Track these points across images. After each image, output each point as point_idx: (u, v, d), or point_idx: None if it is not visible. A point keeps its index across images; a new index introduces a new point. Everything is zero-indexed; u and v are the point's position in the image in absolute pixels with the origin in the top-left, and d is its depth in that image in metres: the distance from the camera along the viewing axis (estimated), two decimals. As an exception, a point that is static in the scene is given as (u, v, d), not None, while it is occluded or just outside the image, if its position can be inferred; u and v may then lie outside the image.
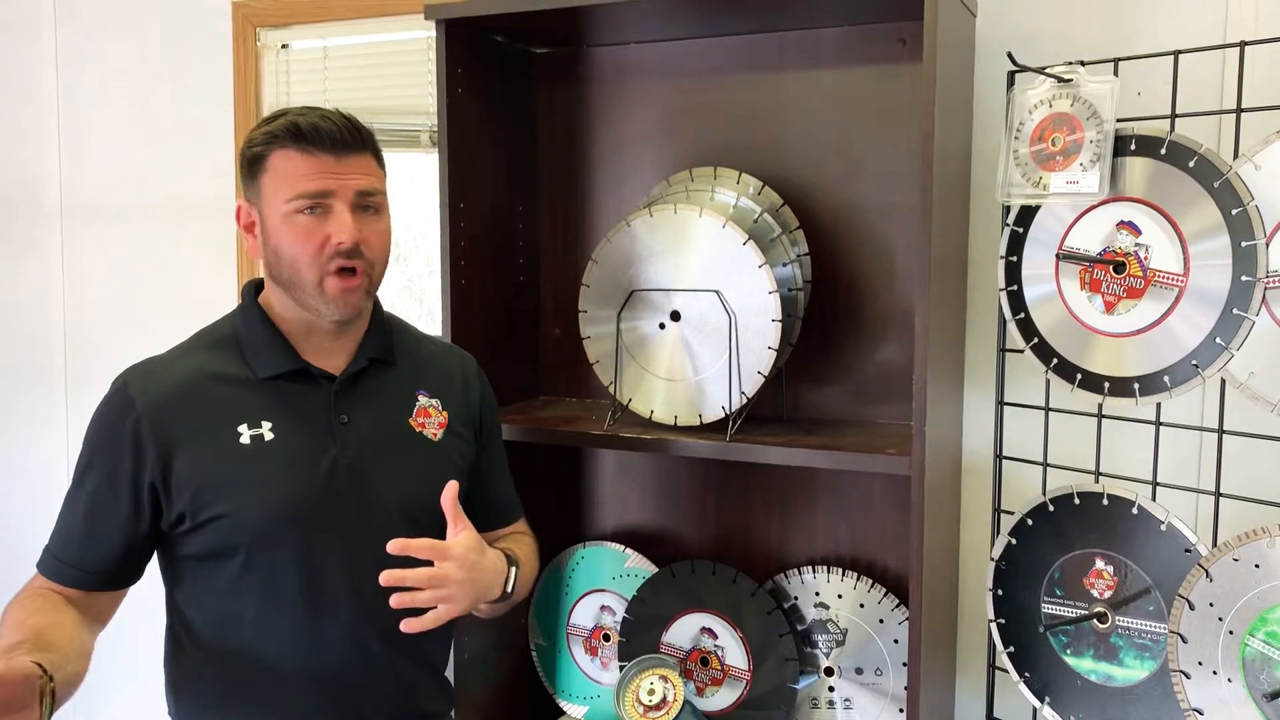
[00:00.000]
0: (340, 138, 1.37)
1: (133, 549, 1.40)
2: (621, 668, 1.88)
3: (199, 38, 2.49)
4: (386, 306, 1.60)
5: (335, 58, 2.37)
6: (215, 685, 1.42)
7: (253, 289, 1.49)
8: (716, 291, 1.65)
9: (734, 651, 1.87)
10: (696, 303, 1.68)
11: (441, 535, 1.43)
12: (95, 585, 1.40)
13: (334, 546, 1.41)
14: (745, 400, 1.67)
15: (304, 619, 1.40)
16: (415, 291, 2.93)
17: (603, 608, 2.00)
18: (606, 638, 1.99)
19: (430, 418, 1.52)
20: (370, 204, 1.41)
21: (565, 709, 2.03)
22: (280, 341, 1.44)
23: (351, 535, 1.41)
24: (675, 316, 1.70)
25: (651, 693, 1.78)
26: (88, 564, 1.39)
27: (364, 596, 1.41)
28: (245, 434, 1.38)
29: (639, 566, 1.97)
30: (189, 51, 2.51)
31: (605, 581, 1.99)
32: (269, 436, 1.39)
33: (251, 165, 1.41)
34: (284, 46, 2.42)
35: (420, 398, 1.53)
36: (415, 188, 2.70)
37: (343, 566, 1.41)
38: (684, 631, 1.90)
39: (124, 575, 1.41)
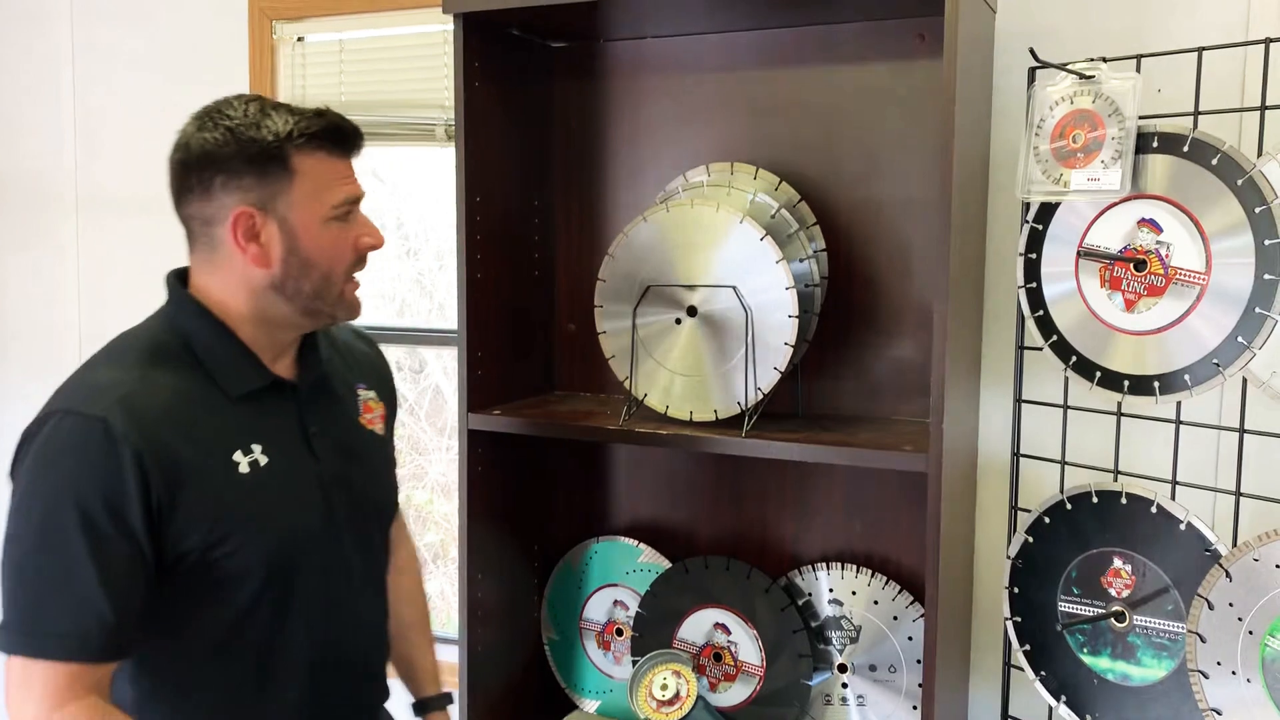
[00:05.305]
0: (360, 138, 1.34)
1: (145, 598, 1.22)
2: (634, 662, 1.87)
3: (214, 30, 2.49)
4: (397, 301, 1.58)
5: (351, 51, 2.36)
6: None
7: (182, 287, 1.35)
8: (733, 287, 1.64)
9: (747, 647, 1.86)
10: (713, 298, 1.67)
11: (387, 530, 1.50)
12: (125, 651, 1.22)
13: (337, 561, 1.38)
14: (761, 396, 1.66)
15: (319, 633, 1.36)
16: (426, 286, 2.92)
17: (616, 602, 1.99)
18: (619, 632, 1.98)
19: (373, 412, 1.48)
20: None
21: (578, 703, 2.02)
22: (245, 353, 1.33)
23: (345, 546, 1.39)
24: (691, 312, 1.69)
25: (665, 688, 1.77)
26: (118, 625, 1.19)
27: (360, 602, 1.42)
28: (242, 462, 1.29)
29: (652, 562, 1.96)
30: (205, 44, 2.51)
31: (619, 576, 1.99)
32: (263, 461, 1.30)
33: (269, 164, 1.27)
34: (299, 39, 2.41)
35: (360, 391, 1.48)
36: (429, 182, 2.70)
37: (345, 578, 1.39)
38: (697, 627, 1.90)
39: (136, 636, 1.23)
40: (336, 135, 1.31)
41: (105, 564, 1.18)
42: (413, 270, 2.85)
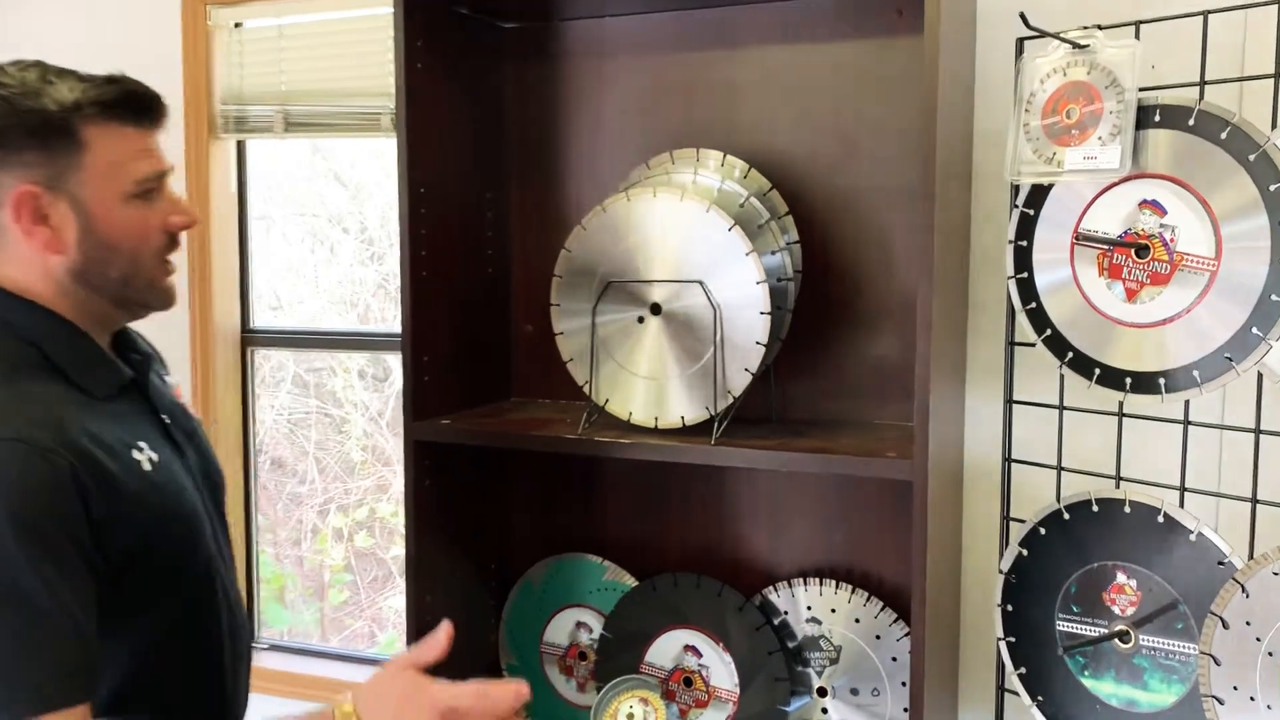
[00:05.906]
0: (162, 108, 1.24)
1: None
2: (599, 689, 1.82)
3: (147, 17, 2.40)
4: (360, 306, 1.51)
5: (291, 37, 2.29)
6: None
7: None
8: (700, 282, 1.59)
9: (720, 671, 1.82)
10: (678, 294, 1.61)
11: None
12: (98, 684, 1.16)
13: (217, 545, 1.36)
14: (732, 400, 1.61)
15: (227, 617, 1.36)
16: (390, 292, 2.83)
17: (579, 624, 1.95)
18: (583, 656, 1.94)
19: (182, 396, 1.45)
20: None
21: (539, 734, 1.97)
22: (99, 352, 1.26)
23: (215, 529, 1.37)
24: (655, 309, 1.63)
25: (631, 717, 1.72)
26: (94, 652, 1.13)
27: (233, 577, 1.41)
28: (143, 459, 1.23)
29: (618, 579, 1.92)
30: (135, 32, 2.42)
31: (582, 596, 1.94)
32: (155, 458, 1.25)
33: (54, 137, 1.17)
34: (237, 25, 2.34)
35: (166, 379, 1.43)
36: (385, 177, 2.59)
37: (223, 560, 1.38)
38: (666, 650, 1.85)
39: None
40: (132, 104, 1.21)
41: (70, 592, 1.10)
42: (376, 275, 2.77)
